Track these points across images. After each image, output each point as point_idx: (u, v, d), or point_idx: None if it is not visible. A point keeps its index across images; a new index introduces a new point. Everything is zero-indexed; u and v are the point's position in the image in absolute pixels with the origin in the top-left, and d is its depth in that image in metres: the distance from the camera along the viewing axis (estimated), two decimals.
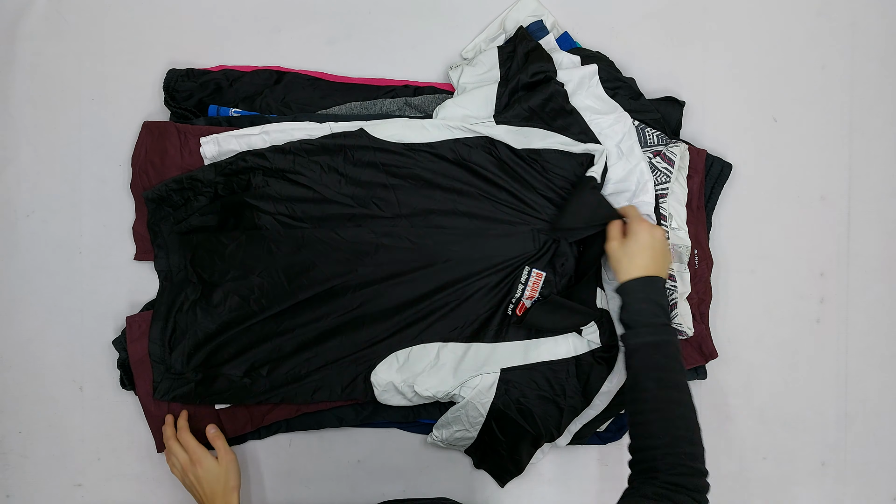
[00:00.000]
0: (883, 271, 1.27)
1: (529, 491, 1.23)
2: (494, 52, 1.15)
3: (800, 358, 1.26)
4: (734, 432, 1.25)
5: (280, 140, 1.11)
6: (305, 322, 1.10)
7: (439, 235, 1.10)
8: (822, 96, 1.26)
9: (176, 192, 1.11)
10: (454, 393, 1.10)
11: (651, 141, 1.15)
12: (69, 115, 1.20)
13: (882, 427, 1.27)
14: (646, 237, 1.00)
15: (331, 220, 1.10)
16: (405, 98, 1.17)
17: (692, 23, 1.25)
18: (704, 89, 1.24)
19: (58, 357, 1.19)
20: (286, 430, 1.17)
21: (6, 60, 1.19)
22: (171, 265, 1.14)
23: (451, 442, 1.16)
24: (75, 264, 1.19)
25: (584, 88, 1.13)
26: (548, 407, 1.10)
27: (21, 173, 1.19)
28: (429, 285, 1.10)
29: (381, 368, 1.10)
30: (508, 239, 1.10)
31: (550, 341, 1.10)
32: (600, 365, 1.10)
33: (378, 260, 1.09)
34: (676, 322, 1.13)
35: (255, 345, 1.10)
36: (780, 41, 1.25)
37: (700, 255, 1.18)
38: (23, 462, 1.20)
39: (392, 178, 1.10)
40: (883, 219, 1.27)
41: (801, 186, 1.26)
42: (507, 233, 1.10)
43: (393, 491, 1.22)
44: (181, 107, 1.16)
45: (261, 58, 1.20)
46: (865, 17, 1.26)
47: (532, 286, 1.10)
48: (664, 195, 1.14)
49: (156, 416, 1.14)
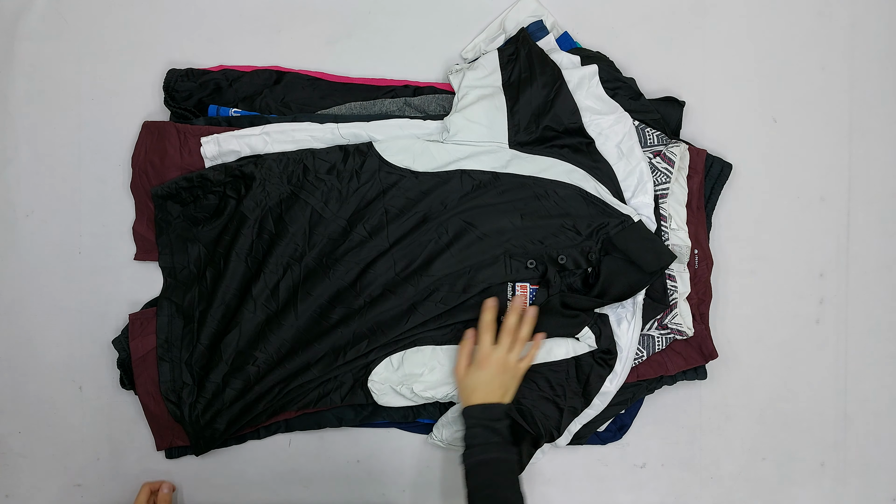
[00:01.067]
0: (883, 271, 1.27)
1: (529, 491, 1.22)
2: (495, 55, 1.15)
3: (800, 358, 1.26)
4: (734, 432, 1.25)
5: (280, 140, 1.11)
6: (302, 336, 1.11)
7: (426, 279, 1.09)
8: (822, 96, 1.26)
9: (185, 190, 1.11)
10: (453, 393, 1.10)
11: (651, 141, 1.15)
12: (69, 115, 1.20)
13: (882, 427, 1.27)
14: (486, 371, 1.04)
15: (329, 236, 1.11)
16: (405, 98, 1.17)
17: (692, 23, 1.25)
18: (704, 89, 1.24)
19: (58, 357, 1.19)
20: (286, 430, 1.17)
21: (6, 60, 1.19)
22: (175, 263, 1.14)
23: (451, 442, 1.16)
24: (75, 264, 1.19)
25: (584, 88, 1.13)
26: (547, 407, 1.10)
27: (21, 173, 1.19)
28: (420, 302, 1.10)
29: (376, 374, 1.10)
30: (487, 269, 1.10)
31: (550, 342, 1.10)
32: (600, 365, 1.10)
33: (371, 277, 1.10)
34: (676, 322, 1.14)
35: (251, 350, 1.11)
36: (780, 41, 1.25)
37: (700, 255, 1.18)
38: (23, 462, 1.20)
39: (391, 205, 1.11)
40: (883, 219, 1.26)
41: (801, 187, 1.26)
42: (485, 263, 1.10)
43: (393, 491, 1.22)
44: (181, 107, 1.16)
45: (261, 58, 1.20)
46: (865, 17, 1.26)
47: (521, 299, 1.11)
48: (664, 195, 1.14)
49: (156, 416, 1.14)
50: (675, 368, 1.17)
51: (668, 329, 1.14)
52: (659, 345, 1.15)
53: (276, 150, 1.12)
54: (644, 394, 1.18)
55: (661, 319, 1.14)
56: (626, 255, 1.08)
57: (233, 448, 1.19)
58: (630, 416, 1.21)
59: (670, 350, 1.17)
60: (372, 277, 1.10)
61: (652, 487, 1.24)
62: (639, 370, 1.16)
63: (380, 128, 1.12)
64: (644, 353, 1.14)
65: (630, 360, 1.11)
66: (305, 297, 1.10)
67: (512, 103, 1.11)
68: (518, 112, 1.11)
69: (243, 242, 1.11)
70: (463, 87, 1.14)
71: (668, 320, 1.14)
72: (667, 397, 1.22)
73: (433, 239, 1.10)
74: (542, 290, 1.09)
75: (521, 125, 1.11)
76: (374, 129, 1.12)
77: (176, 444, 1.16)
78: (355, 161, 1.11)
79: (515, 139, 1.11)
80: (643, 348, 1.14)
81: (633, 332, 1.10)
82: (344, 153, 1.11)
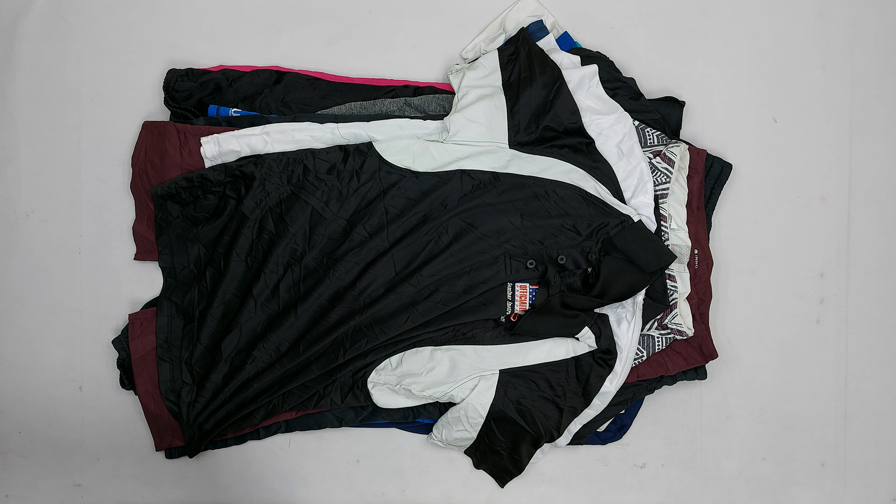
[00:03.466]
0: (883, 271, 1.27)
1: (529, 491, 1.23)
2: (495, 55, 1.15)
3: (800, 358, 1.26)
4: (734, 432, 1.25)
5: (280, 140, 1.11)
6: (301, 335, 1.11)
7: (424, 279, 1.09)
8: (822, 96, 1.26)
9: (185, 190, 1.11)
10: (452, 394, 1.10)
11: (651, 141, 1.15)
12: (69, 115, 1.20)
13: (882, 427, 1.27)
14: None
15: (329, 236, 1.11)
16: (405, 98, 1.17)
17: (692, 23, 1.24)
18: (704, 89, 1.24)
19: (58, 357, 1.19)
20: (286, 430, 1.17)
21: (6, 60, 1.19)
22: (175, 263, 1.14)
23: (451, 442, 1.16)
24: (75, 264, 1.19)
25: (585, 88, 1.13)
26: (547, 407, 1.10)
27: (21, 173, 1.19)
28: (420, 302, 1.10)
29: (375, 374, 1.10)
30: (486, 269, 1.10)
31: (550, 342, 1.10)
32: (600, 365, 1.10)
33: (370, 277, 1.10)
34: (676, 322, 1.14)
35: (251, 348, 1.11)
36: (780, 41, 1.25)
37: (700, 255, 1.18)
38: (23, 462, 1.20)
39: (391, 206, 1.11)
40: (883, 219, 1.26)
41: (801, 186, 1.26)
42: (484, 263, 1.10)
43: (393, 491, 1.22)
44: (181, 107, 1.16)
45: (261, 58, 1.20)
46: (865, 17, 1.26)
47: (520, 299, 1.10)
48: (664, 195, 1.14)
49: (155, 416, 1.14)
50: (675, 368, 1.17)
51: (668, 329, 1.14)
52: (659, 345, 1.15)
53: (276, 150, 1.12)
54: (644, 394, 1.18)
55: (661, 319, 1.14)
56: (626, 255, 1.08)
57: (233, 448, 1.19)
58: (630, 416, 1.21)
59: (670, 350, 1.17)
60: (372, 277, 1.10)
61: (652, 487, 1.24)
62: (639, 370, 1.16)
63: (380, 128, 1.12)
64: (644, 353, 1.14)
65: (630, 360, 1.11)
66: (305, 296, 1.10)
67: (512, 103, 1.11)
68: (518, 112, 1.11)
69: (243, 242, 1.11)
70: (463, 86, 1.14)
71: (668, 320, 1.14)
72: (667, 397, 1.23)
73: (433, 239, 1.10)
74: (541, 290, 1.09)
75: (521, 125, 1.11)
76: (374, 129, 1.12)
77: (175, 445, 1.16)
78: (355, 161, 1.11)
79: (515, 139, 1.11)
80: (643, 348, 1.14)
81: (633, 332, 1.10)
82: (344, 153, 1.11)
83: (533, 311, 1.09)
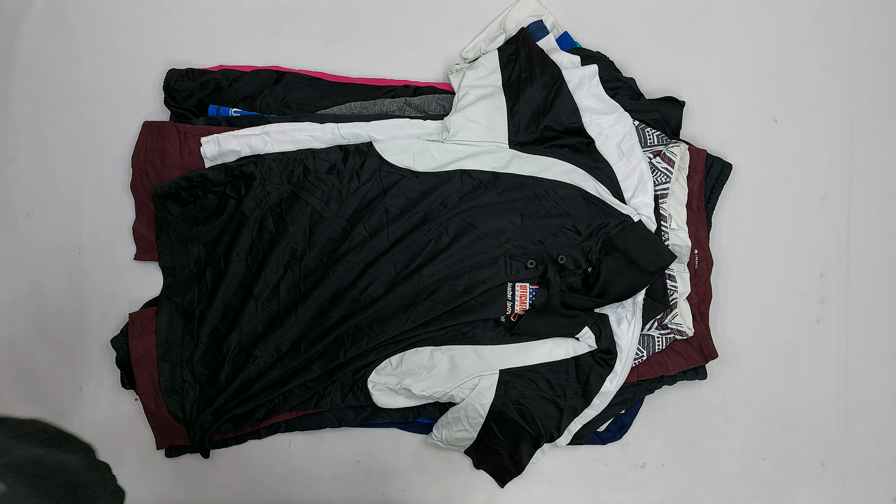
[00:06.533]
0: (883, 271, 1.27)
1: (529, 491, 1.23)
2: (495, 54, 1.15)
3: (800, 358, 1.26)
4: (734, 432, 1.25)
5: (280, 140, 1.11)
6: (302, 335, 1.11)
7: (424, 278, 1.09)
8: (822, 96, 1.26)
9: (185, 190, 1.11)
10: (452, 394, 1.10)
11: (651, 141, 1.15)
12: (69, 115, 1.20)
13: (882, 427, 1.27)
14: None
15: (329, 236, 1.11)
16: (405, 98, 1.17)
17: (692, 23, 1.25)
18: (704, 89, 1.24)
19: (58, 357, 1.19)
20: (286, 430, 1.17)
21: (6, 60, 1.19)
22: (175, 262, 1.14)
23: (451, 442, 1.16)
24: (75, 264, 1.19)
25: (585, 88, 1.13)
26: (547, 407, 1.10)
27: (21, 173, 1.19)
28: (420, 301, 1.10)
29: (376, 374, 1.10)
30: (487, 269, 1.10)
31: (550, 342, 1.10)
32: (600, 365, 1.10)
33: (371, 276, 1.10)
34: (676, 322, 1.14)
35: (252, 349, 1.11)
36: (780, 41, 1.25)
37: (700, 255, 1.18)
38: None
39: (391, 205, 1.11)
40: (883, 219, 1.26)
41: (801, 186, 1.26)
42: (484, 263, 1.10)
43: (393, 491, 1.22)
44: (181, 107, 1.16)
45: (261, 58, 1.20)
46: (865, 17, 1.26)
47: (520, 299, 1.10)
48: (664, 195, 1.14)
49: (156, 415, 1.14)
50: (675, 368, 1.17)
51: (668, 329, 1.14)
52: (659, 345, 1.15)
53: (276, 149, 1.12)
54: (644, 394, 1.18)
55: (661, 319, 1.14)
56: (627, 255, 1.08)
57: (233, 448, 1.19)
58: (630, 416, 1.22)
59: (670, 350, 1.17)
60: (372, 277, 1.10)
61: (652, 487, 1.24)
62: (639, 370, 1.16)
63: (380, 128, 1.12)
64: (644, 353, 1.14)
65: (630, 359, 1.11)
66: (306, 296, 1.10)
67: (512, 103, 1.11)
68: (518, 112, 1.11)
69: (243, 242, 1.11)
70: (463, 86, 1.14)
71: (668, 320, 1.14)
72: (667, 397, 1.23)
73: (433, 239, 1.10)
74: (542, 290, 1.09)
75: (521, 125, 1.11)
76: (374, 129, 1.12)
77: (175, 444, 1.16)
78: (355, 161, 1.11)
79: (515, 139, 1.11)
80: (643, 348, 1.14)
81: (633, 332, 1.10)
82: (344, 153, 1.11)
83: (533, 311, 1.09)
